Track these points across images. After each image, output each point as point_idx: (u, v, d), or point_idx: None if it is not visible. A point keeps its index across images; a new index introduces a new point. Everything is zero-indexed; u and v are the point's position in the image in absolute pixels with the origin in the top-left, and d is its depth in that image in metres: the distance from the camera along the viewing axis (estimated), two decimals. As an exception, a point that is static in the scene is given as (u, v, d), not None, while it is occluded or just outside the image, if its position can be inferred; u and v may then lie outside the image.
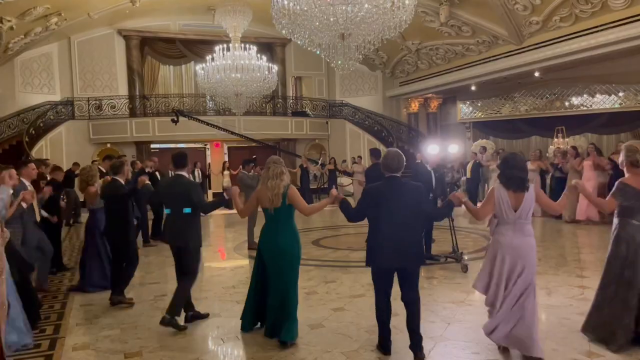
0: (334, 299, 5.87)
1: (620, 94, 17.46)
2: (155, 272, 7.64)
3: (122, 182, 6.09)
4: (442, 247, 8.23)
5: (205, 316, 5.24)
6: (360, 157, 17.59)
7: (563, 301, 5.43)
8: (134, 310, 5.63)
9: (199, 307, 5.32)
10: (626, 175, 4.16)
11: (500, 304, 3.96)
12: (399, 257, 3.97)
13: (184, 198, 5.02)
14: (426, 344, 4.12)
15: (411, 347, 4.03)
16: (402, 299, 4.10)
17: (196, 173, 16.75)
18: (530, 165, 12.20)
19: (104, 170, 9.56)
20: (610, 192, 4.18)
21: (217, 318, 5.28)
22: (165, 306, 5.07)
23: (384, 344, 4.16)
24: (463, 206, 4.30)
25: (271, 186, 4.47)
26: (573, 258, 7.78)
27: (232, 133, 16.69)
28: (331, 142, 21.42)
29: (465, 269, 7.00)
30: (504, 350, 4.08)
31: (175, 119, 15.19)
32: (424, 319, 4.48)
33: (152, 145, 20.01)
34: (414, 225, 4.04)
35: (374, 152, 8.56)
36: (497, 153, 14.78)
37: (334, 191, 4.64)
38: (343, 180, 18.65)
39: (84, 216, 8.64)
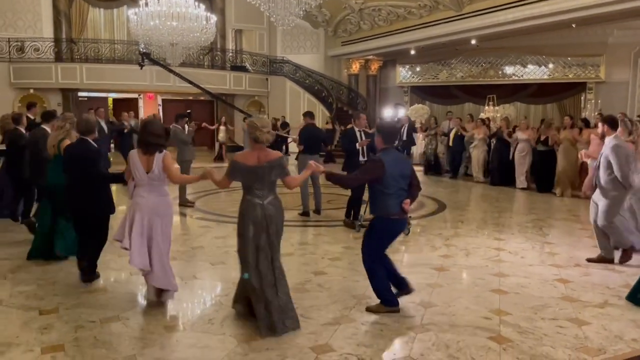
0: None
1: (550, 66, 18.22)
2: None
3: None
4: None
5: None
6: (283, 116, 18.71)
7: (480, 262, 5.74)
8: (52, 266, 5.41)
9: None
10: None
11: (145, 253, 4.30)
12: (79, 207, 4.87)
13: None
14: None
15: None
16: None
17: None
18: (521, 135, 11.46)
19: (33, 118, 8.84)
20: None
21: (138, 276, 5.10)
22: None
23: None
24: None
25: None
26: (493, 222, 8.19)
27: (199, 88, 15.68)
28: (271, 99, 21.09)
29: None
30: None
31: (142, 63, 14.17)
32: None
33: (80, 94, 18.94)
34: (88, 183, 4.75)
35: (308, 114, 8.72)
36: (449, 118, 14.72)
37: None
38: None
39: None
